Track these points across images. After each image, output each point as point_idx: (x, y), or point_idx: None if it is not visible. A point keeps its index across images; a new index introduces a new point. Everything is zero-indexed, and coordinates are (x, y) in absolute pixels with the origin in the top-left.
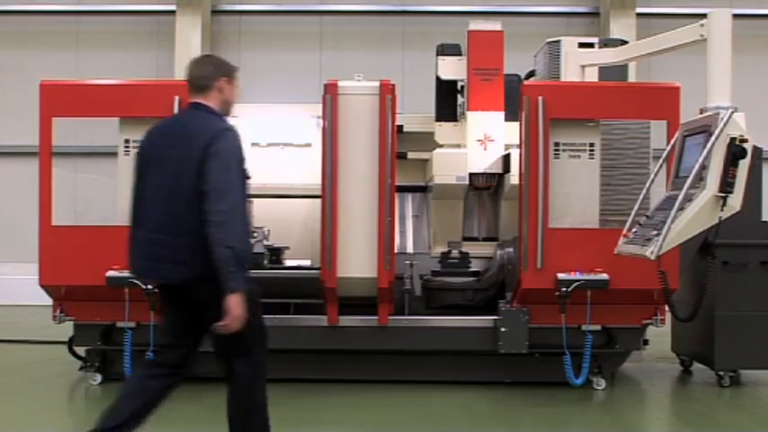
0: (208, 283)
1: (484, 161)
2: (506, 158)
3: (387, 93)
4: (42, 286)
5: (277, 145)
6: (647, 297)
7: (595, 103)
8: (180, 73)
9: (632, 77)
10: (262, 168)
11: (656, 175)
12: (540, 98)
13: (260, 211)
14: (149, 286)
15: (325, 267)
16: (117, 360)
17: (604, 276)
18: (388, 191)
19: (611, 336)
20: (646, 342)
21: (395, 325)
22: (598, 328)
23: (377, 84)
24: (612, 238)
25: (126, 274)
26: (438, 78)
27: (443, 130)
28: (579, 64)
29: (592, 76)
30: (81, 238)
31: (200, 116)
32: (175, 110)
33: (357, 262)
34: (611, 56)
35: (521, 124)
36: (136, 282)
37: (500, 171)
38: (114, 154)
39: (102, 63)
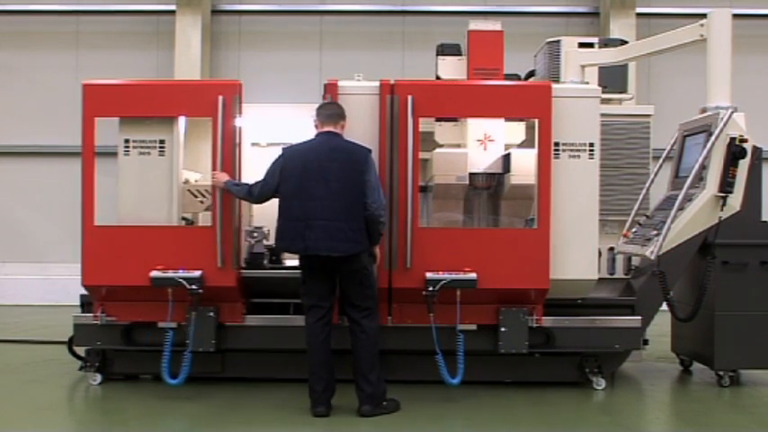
0: None
1: (484, 161)
2: (506, 158)
3: (387, 93)
4: (85, 286)
5: (277, 145)
6: (522, 296)
7: (464, 103)
8: (180, 73)
9: (632, 77)
10: (262, 168)
11: (656, 174)
12: (410, 97)
13: (260, 210)
14: (193, 286)
15: None
16: (117, 360)
17: (473, 276)
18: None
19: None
20: (646, 342)
21: (394, 325)
22: (473, 327)
23: (377, 84)
24: (482, 238)
25: (170, 274)
26: (438, 78)
27: (443, 130)
28: (579, 64)
29: (592, 75)
30: (123, 239)
31: None
32: (219, 110)
33: None
34: (611, 56)
35: (392, 121)
36: (180, 281)
37: (500, 171)
38: (114, 154)
39: (102, 63)
